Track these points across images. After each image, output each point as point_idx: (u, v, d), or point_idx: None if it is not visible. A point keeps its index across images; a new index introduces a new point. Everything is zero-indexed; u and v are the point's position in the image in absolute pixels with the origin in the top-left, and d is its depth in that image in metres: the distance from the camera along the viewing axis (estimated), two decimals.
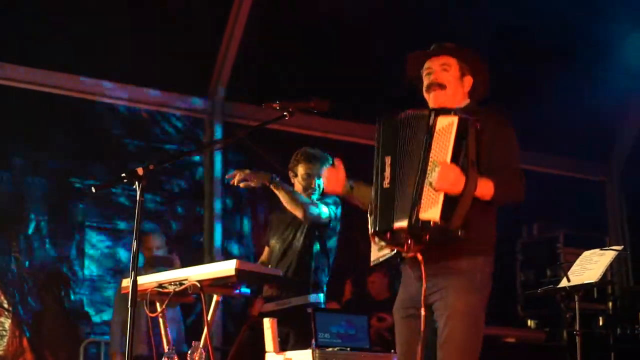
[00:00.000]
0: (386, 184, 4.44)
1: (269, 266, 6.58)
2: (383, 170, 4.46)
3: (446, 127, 4.37)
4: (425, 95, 4.76)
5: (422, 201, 4.33)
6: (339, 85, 10.32)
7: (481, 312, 4.52)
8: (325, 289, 6.66)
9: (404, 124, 4.49)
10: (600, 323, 10.75)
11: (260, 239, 8.23)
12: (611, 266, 6.47)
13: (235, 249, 10.39)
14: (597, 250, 6.54)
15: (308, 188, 6.68)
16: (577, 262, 6.52)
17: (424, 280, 4.43)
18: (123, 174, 4.55)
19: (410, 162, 4.42)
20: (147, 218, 9.79)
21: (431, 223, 4.31)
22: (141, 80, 10.07)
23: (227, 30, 10.14)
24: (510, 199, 4.56)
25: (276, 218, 6.89)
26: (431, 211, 4.30)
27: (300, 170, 6.73)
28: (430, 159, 4.35)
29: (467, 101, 4.77)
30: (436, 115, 4.40)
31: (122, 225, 9.81)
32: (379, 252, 4.59)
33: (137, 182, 4.47)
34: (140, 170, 4.48)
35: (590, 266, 6.40)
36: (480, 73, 4.79)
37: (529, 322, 10.59)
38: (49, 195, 9.59)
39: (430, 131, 4.38)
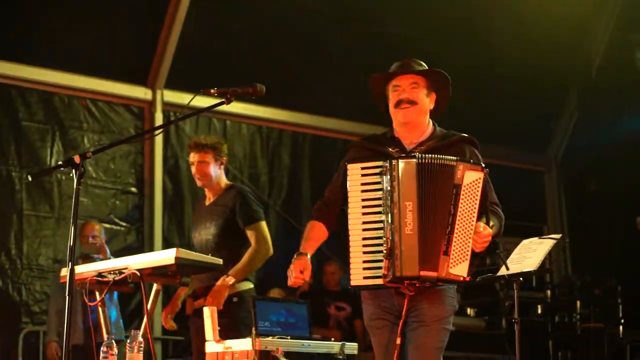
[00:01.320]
0: (409, 230, 4.55)
1: None
2: (403, 215, 4.55)
3: (474, 182, 4.58)
4: (393, 110, 4.85)
5: (452, 255, 4.53)
6: (281, 71, 10.36)
7: (451, 318, 4.77)
8: (252, 277, 6.65)
9: (425, 170, 4.59)
10: (539, 311, 10.87)
11: None
12: (550, 255, 6.51)
13: (176, 237, 10.36)
14: (535, 239, 6.59)
15: (194, 175, 6.69)
16: (516, 250, 6.55)
17: (404, 310, 4.66)
18: (60, 162, 4.54)
19: (436, 213, 4.57)
20: (86, 206, 9.75)
21: (461, 278, 4.57)
22: (81, 69, 9.97)
23: (168, 17, 10.08)
24: (501, 232, 4.85)
25: (198, 209, 6.89)
26: (460, 267, 4.55)
27: (189, 158, 6.75)
28: (459, 213, 4.54)
29: (429, 120, 4.91)
30: (464, 169, 4.57)
31: (60, 213, 9.73)
32: (364, 279, 4.63)
33: (74, 170, 4.43)
34: (77, 158, 4.43)
35: (529, 254, 6.44)
36: (443, 88, 4.92)
37: (468, 310, 10.67)
38: None
39: (458, 184, 4.56)
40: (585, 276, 10.98)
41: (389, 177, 4.58)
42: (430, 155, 4.61)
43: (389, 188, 4.57)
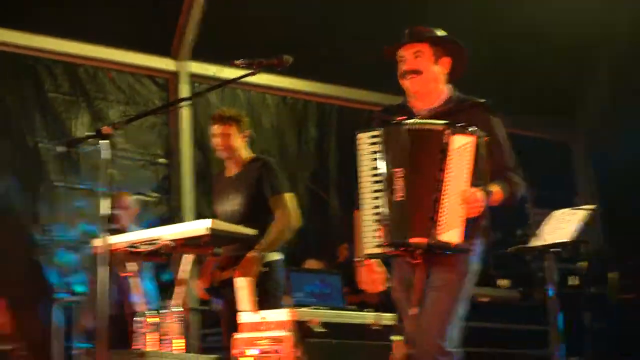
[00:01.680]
0: (399, 196, 4.45)
1: None
2: (392, 182, 4.46)
3: (463, 146, 4.42)
4: (401, 82, 4.81)
5: (441, 222, 4.39)
6: (306, 41, 10.29)
7: (464, 281, 4.66)
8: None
9: (413, 136, 4.49)
10: (573, 282, 10.79)
11: None
12: (583, 225, 6.43)
13: (205, 208, 10.30)
14: (568, 210, 6.52)
15: (217, 147, 6.61)
16: (549, 221, 6.49)
17: (416, 280, 4.58)
18: (89, 133, 4.56)
19: (423, 179, 4.45)
20: (119, 178, 9.72)
21: (451, 245, 4.43)
22: (106, 40, 9.94)
23: None
24: (516, 198, 4.73)
25: (218, 182, 6.80)
26: (451, 233, 4.40)
27: (212, 130, 6.67)
28: (446, 179, 4.40)
29: (446, 86, 4.84)
30: (452, 133, 4.42)
31: (89, 184, 9.71)
32: (375, 248, 4.54)
33: (103, 141, 4.40)
34: (106, 129, 4.41)
35: (562, 225, 6.38)
36: (456, 52, 4.83)
37: (500, 281, 10.61)
38: (18, 157, 9.48)
39: (444, 149, 4.42)
40: (619, 247, 10.91)
41: (382, 145, 4.51)
42: (417, 121, 4.55)
43: (383, 156, 4.50)
